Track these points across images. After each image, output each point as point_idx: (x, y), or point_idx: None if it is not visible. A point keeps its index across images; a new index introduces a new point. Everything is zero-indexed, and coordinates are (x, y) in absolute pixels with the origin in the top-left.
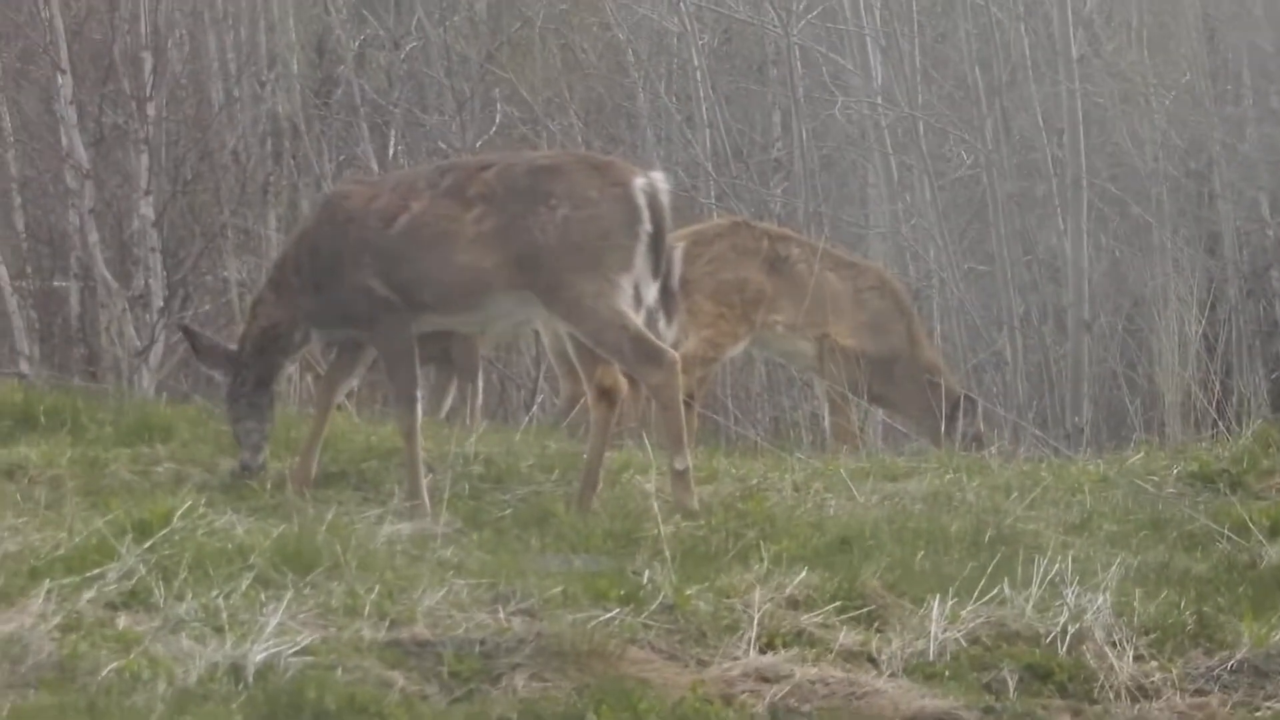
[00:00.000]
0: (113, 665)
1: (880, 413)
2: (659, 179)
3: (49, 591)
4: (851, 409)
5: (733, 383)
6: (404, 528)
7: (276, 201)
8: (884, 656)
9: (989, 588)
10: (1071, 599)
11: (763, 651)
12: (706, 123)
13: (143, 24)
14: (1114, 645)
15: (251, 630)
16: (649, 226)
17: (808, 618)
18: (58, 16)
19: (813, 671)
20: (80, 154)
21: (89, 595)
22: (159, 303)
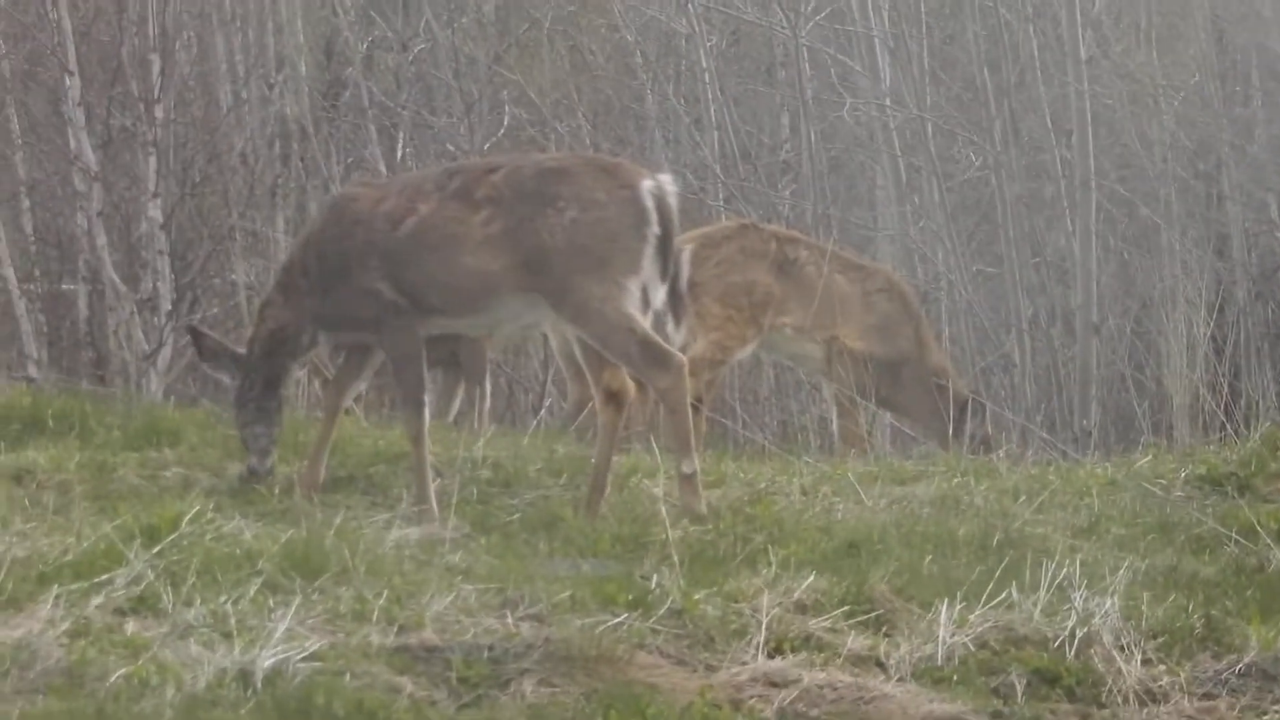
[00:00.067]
0: (121, 671)
1: (888, 416)
2: (666, 181)
3: (57, 597)
4: (860, 412)
5: (741, 386)
6: (412, 532)
7: (285, 204)
8: (892, 661)
9: (997, 592)
10: (1079, 603)
11: (771, 656)
12: (715, 124)
13: (151, 26)
14: (1122, 649)
15: (260, 636)
16: (657, 229)
17: (816, 622)
18: (66, 18)
19: (821, 676)
20: (88, 156)
21: (97, 601)
22: (167, 306)
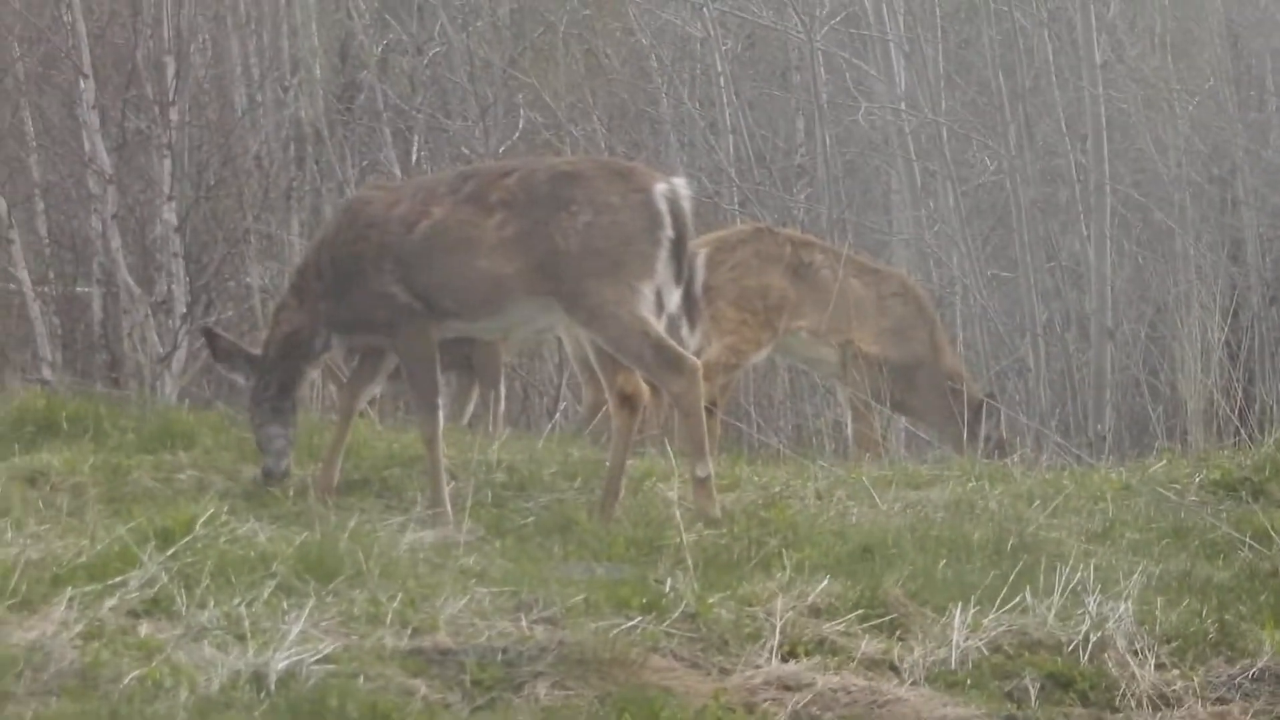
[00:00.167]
0: (135, 673)
1: (903, 420)
2: (680, 185)
3: (71, 599)
4: (874, 416)
5: (755, 390)
6: (426, 535)
7: (299, 207)
8: (906, 665)
9: (1011, 596)
10: (1093, 607)
11: (785, 660)
12: (730, 128)
13: (165, 29)
14: (1136, 654)
15: (274, 638)
16: (671, 232)
17: (830, 626)
18: (80, 21)
19: (835, 680)
20: (103, 159)
21: (111, 603)
22: (182, 308)
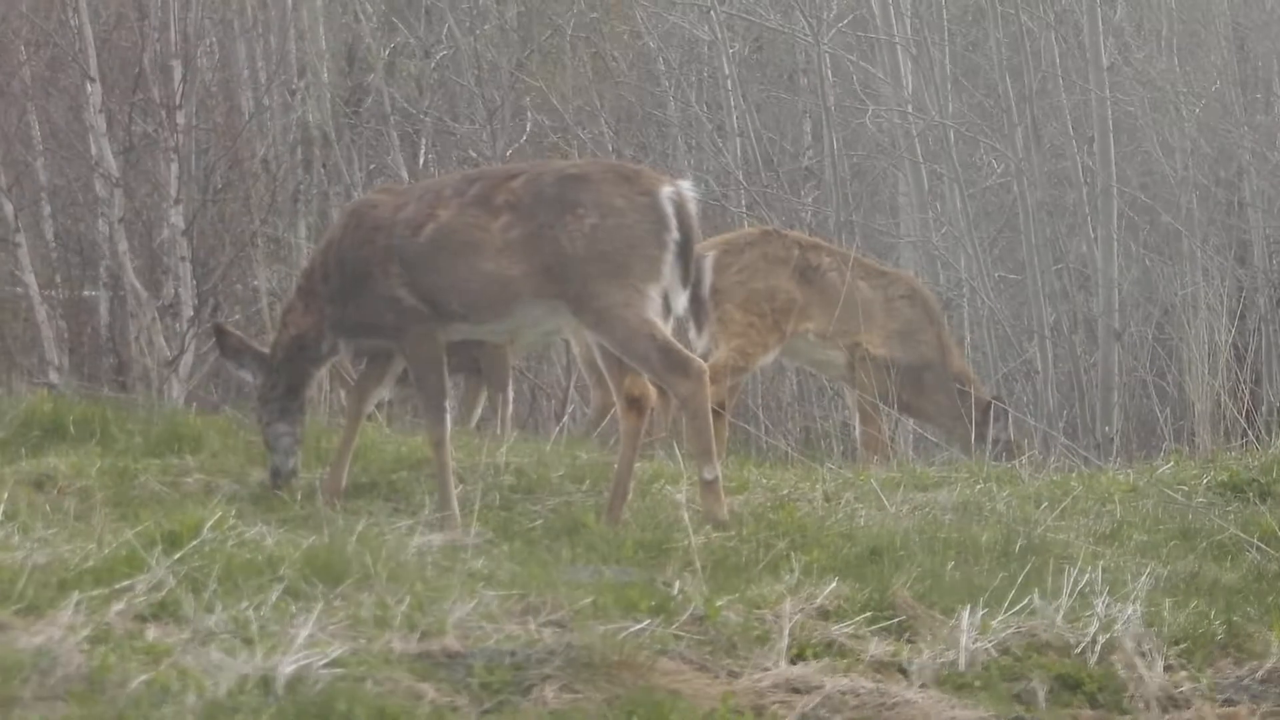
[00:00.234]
0: (142, 677)
1: (911, 423)
2: (686, 188)
3: (78, 603)
4: (882, 418)
5: (763, 392)
6: (434, 539)
7: (307, 210)
8: (914, 667)
9: (1019, 598)
10: (1101, 609)
11: (793, 662)
12: (737, 131)
13: (172, 32)
14: (1144, 655)
15: (281, 642)
16: (677, 235)
17: (838, 628)
18: (87, 25)
19: (843, 682)
20: (109, 163)
21: (118, 607)
22: (189, 312)
